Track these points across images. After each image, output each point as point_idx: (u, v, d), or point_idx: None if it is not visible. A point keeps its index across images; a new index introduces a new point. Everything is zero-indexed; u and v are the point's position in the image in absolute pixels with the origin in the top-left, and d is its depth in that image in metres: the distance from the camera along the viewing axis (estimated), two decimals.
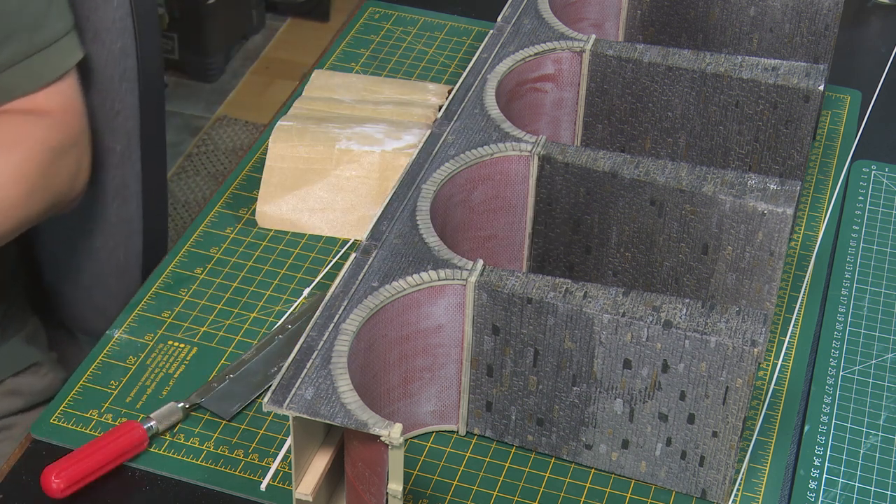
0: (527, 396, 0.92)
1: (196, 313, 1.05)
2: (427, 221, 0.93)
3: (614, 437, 0.91)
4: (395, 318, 0.88)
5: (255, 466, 0.93)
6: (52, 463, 0.89)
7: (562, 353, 0.88)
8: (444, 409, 0.95)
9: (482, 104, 1.04)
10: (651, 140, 1.11)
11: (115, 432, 0.92)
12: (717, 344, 0.84)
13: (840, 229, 1.16)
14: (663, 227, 0.97)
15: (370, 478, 0.79)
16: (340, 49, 1.36)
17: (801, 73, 1.05)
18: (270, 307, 1.05)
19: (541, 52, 1.09)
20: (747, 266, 0.96)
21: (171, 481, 0.92)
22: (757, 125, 1.06)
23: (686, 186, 0.95)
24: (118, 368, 1.00)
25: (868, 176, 1.22)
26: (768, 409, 0.99)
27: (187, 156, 2.70)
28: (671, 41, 1.22)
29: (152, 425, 0.93)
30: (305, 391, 0.79)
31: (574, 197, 0.99)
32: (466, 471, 0.93)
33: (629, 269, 1.01)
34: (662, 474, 0.92)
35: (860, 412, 0.99)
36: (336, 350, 0.82)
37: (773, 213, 0.93)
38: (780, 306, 1.07)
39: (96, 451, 0.90)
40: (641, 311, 0.85)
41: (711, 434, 0.88)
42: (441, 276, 0.88)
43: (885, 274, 1.11)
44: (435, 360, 0.92)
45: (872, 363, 1.03)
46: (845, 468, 0.95)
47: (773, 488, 0.93)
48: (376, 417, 0.76)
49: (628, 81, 1.08)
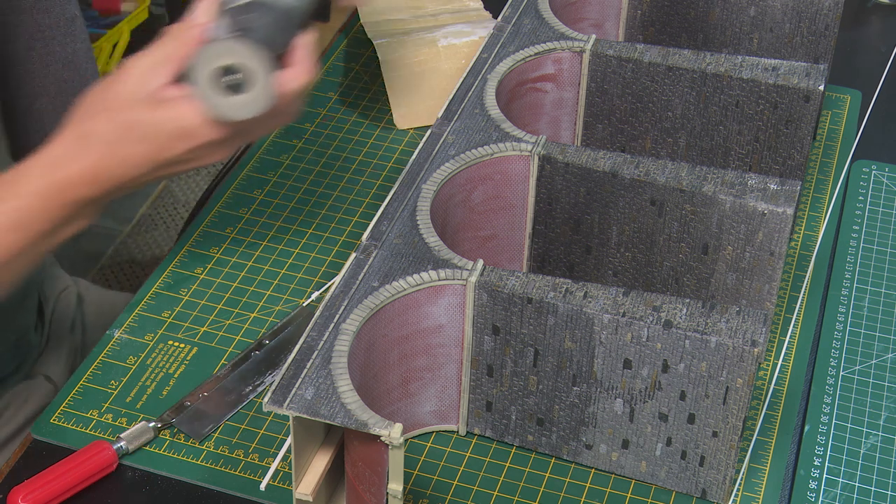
0: (527, 396, 0.92)
1: (196, 313, 1.05)
2: (427, 221, 0.93)
3: (614, 437, 0.91)
4: (395, 318, 0.88)
5: (255, 466, 0.93)
6: (20, 484, 0.88)
7: (562, 353, 0.88)
8: (445, 409, 0.95)
9: (482, 104, 1.04)
10: (651, 140, 1.11)
11: (85, 453, 0.91)
12: (717, 344, 0.84)
13: (840, 229, 1.16)
14: (663, 227, 0.97)
15: (370, 478, 0.79)
16: (340, 49, 1.36)
17: (802, 73, 1.05)
18: (270, 307, 1.05)
19: (541, 52, 1.09)
20: (747, 266, 0.96)
21: (171, 481, 0.92)
22: (757, 125, 1.06)
23: (686, 186, 0.95)
24: (118, 368, 1.00)
25: (868, 176, 1.22)
26: (768, 409, 0.99)
27: None
28: (671, 41, 1.22)
29: (122, 446, 0.92)
30: (305, 391, 0.79)
31: (574, 197, 0.99)
32: (466, 471, 0.93)
33: (629, 269, 1.01)
34: (662, 474, 0.92)
35: (860, 412, 0.99)
36: (336, 350, 0.82)
37: (773, 213, 0.93)
38: (780, 306, 1.07)
39: (65, 472, 0.89)
40: (641, 311, 0.85)
41: (711, 434, 0.88)
42: (441, 276, 0.88)
43: (885, 274, 1.11)
44: (435, 360, 0.92)
45: (872, 363, 1.03)
46: (845, 468, 0.95)
47: (773, 488, 0.93)
48: (376, 417, 0.76)
49: (628, 81, 1.08)
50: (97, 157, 0.88)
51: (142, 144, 0.87)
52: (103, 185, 0.89)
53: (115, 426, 0.95)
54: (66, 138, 0.89)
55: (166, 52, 0.88)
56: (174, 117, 0.87)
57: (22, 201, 0.88)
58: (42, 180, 0.88)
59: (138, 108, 0.87)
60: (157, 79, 0.87)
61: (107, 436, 0.94)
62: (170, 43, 0.88)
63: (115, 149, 0.87)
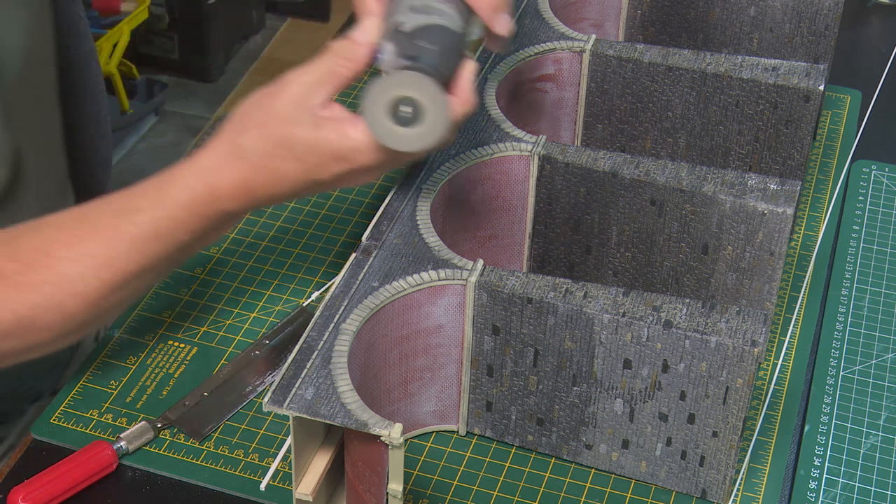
0: (527, 396, 0.92)
1: (196, 313, 1.05)
2: (427, 221, 0.93)
3: (614, 437, 0.91)
4: (395, 318, 0.88)
5: (255, 466, 0.93)
6: (20, 484, 0.88)
7: (562, 353, 0.88)
8: (445, 409, 0.95)
9: (482, 104, 1.04)
10: (651, 140, 1.11)
11: (85, 453, 0.91)
12: (717, 344, 0.84)
13: (840, 229, 1.16)
14: (663, 227, 0.97)
15: (370, 478, 0.79)
16: None
17: (802, 73, 1.05)
18: (270, 307, 1.05)
19: (541, 52, 1.09)
20: (747, 266, 0.96)
21: (171, 481, 0.92)
22: (757, 125, 1.06)
23: (686, 186, 0.95)
24: (118, 368, 1.00)
25: (868, 176, 1.22)
26: (768, 409, 0.99)
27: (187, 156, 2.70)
28: (671, 41, 1.22)
29: (122, 446, 0.92)
30: (305, 391, 0.79)
31: (574, 197, 0.99)
32: (466, 471, 0.93)
33: (629, 269, 1.01)
34: (662, 474, 0.92)
35: (860, 412, 0.99)
36: (336, 350, 0.82)
37: (773, 213, 0.93)
38: (780, 306, 1.07)
39: (65, 472, 0.89)
40: (641, 311, 0.85)
41: (711, 434, 0.88)
42: (441, 276, 0.88)
43: (885, 274, 1.11)
44: (435, 360, 0.92)
45: (872, 363, 1.03)
46: (845, 468, 0.95)
47: (773, 488, 0.93)
48: (376, 417, 0.76)
49: (628, 81, 1.08)
50: (248, 172, 0.86)
51: (297, 163, 0.85)
52: (249, 200, 0.87)
53: (115, 426, 0.95)
54: (215, 150, 0.87)
55: (328, 69, 0.86)
56: (334, 139, 0.84)
57: (165, 211, 0.86)
58: (187, 192, 0.86)
59: (297, 126, 0.84)
60: (318, 97, 0.85)
61: (107, 436, 0.94)
62: (332, 60, 0.86)
63: (268, 165, 0.85)
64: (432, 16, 0.86)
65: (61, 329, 0.87)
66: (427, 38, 0.85)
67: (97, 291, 0.86)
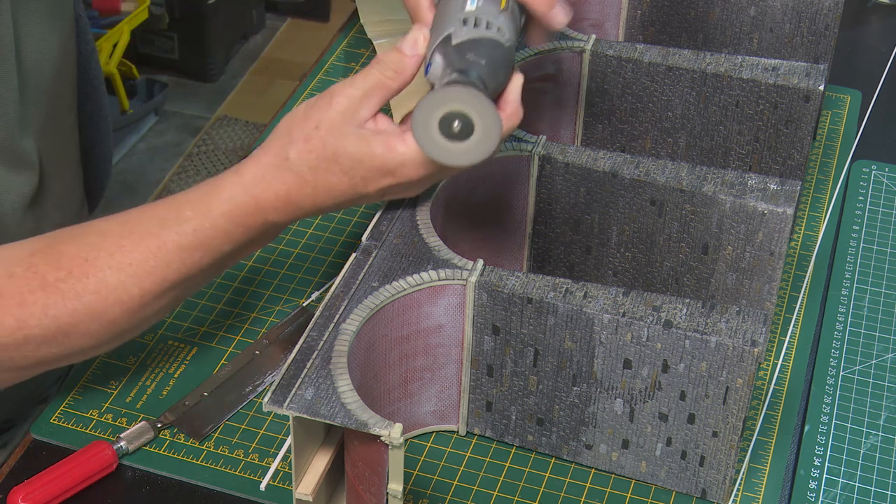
0: (527, 396, 0.92)
1: (196, 313, 1.05)
2: (427, 221, 0.93)
3: (614, 437, 0.91)
4: (395, 318, 0.88)
5: (255, 466, 0.93)
6: (20, 484, 0.88)
7: (562, 353, 0.88)
8: (445, 409, 0.95)
9: None
10: (651, 140, 1.11)
11: (85, 453, 0.91)
12: (717, 344, 0.84)
13: (840, 229, 1.16)
14: (663, 227, 0.97)
15: (370, 478, 0.79)
16: (340, 49, 1.36)
17: (802, 73, 1.05)
18: (270, 307, 1.05)
19: (541, 52, 1.09)
20: (747, 266, 0.96)
21: (171, 481, 0.92)
22: (757, 125, 1.06)
23: (686, 186, 0.95)
24: (118, 368, 1.00)
25: (868, 176, 1.22)
26: (768, 409, 0.99)
27: (187, 156, 2.71)
28: (671, 41, 1.22)
29: (122, 446, 0.92)
30: (305, 391, 0.79)
31: (574, 197, 0.99)
32: (466, 471, 0.93)
33: (629, 269, 1.01)
34: (662, 474, 0.92)
35: (860, 412, 0.99)
36: (336, 350, 0.82)
37: (773, 213, 0.93)
38: (780, 306, 1.07)
39: (65, 472, 0.89)
40: (641, 311, 0.85)
41: (711, 434, 0.88)
42: (441, 276, 0.88)
43: (885, 274, 1.11)
44: (435, 360, 0.92)
45: (872, 363, 1.03)
46: (845, 468, 0.95)
47: (773, 488, 0.93)
48: (376, 417, 0.76)
49: (628, 81, 1.08)
50: (294, 184, 0.85)
51: (343, 176, 0.85)
52: (293, 211, 0.87)
53: (115, 426, 0.95)
54: (261, 162, 0.86)
55: (376, 81, 0.85)
56: (382, 154, 0.84)
57: (209, 221, 0.86)
58: (232, 203, 0.86)
59: (344, 139, 0.84)
60: (365, 110, 0.85)
61: (107, 436, 0.94)
62: (380, 72, 0.86)
63: (314, 178, 0.85)
64: (483, 29, 0.86)
65: (102, 336, 0.88)
66: (477, 51, 0.84)
67: (138, 300, 0.86)
